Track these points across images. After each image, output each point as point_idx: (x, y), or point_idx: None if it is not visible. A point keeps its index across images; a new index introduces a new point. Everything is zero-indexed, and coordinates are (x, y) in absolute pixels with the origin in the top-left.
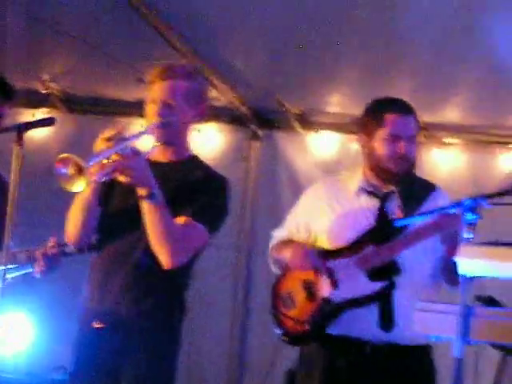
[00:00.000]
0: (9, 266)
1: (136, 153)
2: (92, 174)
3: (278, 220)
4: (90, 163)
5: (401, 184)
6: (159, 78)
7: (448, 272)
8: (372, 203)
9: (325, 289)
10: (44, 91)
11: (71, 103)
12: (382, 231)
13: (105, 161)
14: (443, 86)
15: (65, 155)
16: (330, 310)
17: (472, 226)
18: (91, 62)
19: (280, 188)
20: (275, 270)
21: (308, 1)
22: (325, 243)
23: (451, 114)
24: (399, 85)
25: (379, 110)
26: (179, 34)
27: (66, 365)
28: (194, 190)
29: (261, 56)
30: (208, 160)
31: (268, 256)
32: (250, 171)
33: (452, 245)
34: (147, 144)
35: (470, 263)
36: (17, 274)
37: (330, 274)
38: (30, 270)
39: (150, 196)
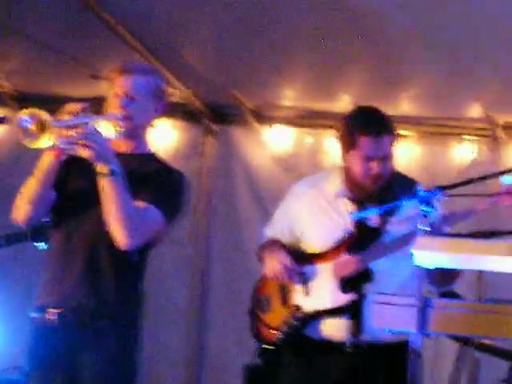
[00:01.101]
0: None
1: (98, 131)
2: (55, 136)
3: (233, 215)
4: (55, 124)
5: (375, 198)
6: (121, 73)
7: (439, 275)
8: (350, 208)
9: (297, 295)
10: None
11: (23, 101)
12: (359, 239)
13: (70, 132)
14: (397, 79)
15: (31, 109)
16: (300, 318)
17: (427, 217)
18: (43, 59)
19: (236, 183)
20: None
21: None
22: (306, 245)
23: (405, 106)
24: (353, 78)
25: (354, 131)
26: (132, 30)
27: (21, 365)
28: (151, 180)
29: (214, 51)
30: (162, 156)
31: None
32: (204, 167)
33: None
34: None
35: (426, 255)
36: None
37: (303, 281)
38: None
39: (111, 173)
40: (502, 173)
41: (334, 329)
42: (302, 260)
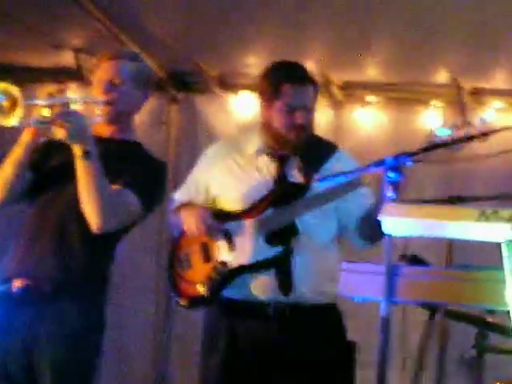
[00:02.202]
0: None
1: (76, 112)
2: (29, 113)
3: None
4: (28, 102)
5: (298, 151)
6: (106, 58)
7: (367, 229)
8: (271, 165)
9: (221, 252)
10: None
11: None
12: (283, 194)
13: (45, 111)
14: (363, 44)
15: (3, 84)
16: (225, 274)
17: (395, 184)
18: (4, 29)
19: (201, 151)
20: (176, 233)
21: None
22: (224, 204)
23: (371, 71)
24: (317, 44)
25: (276, 79)
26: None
27: None
28: (130, 164)
29: (177, 19)
30: None
31: (170, 216)
32: (170, 136)
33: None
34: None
35: (394, 222)
36: None
37: (227, 237)
38: None
39: (86, 154)
40: (470, 138)
41: (260, 287)
42: (222, 217)
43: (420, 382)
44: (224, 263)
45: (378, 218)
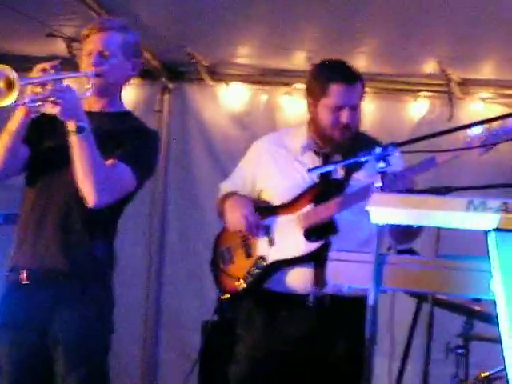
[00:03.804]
0: None
1: (69, 88)
2: (23, 94)
3: (189, 172)
4: (23, 81)
5: (342, 149)
6: (95, 31)
7: (399, 232)
8: (315, 162)
9: (261, 246)
10: None
11: None
12: (323, 190)
13: (38, 89)
14: (352, 35)
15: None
16: (265, 268)
17: (383, 174)
18: (3, 19)
19: (192, 140)
20: (223, 223)
21: None
22: (268, 197)
23: (361, 62)
24: (307, 35)
25: (325, 78)
26: None
27: None
28: (123, 137)
29: (169, 10)
30: None
31: (216, 206)
32: (162, 123)
33: None
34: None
35: (382, 211)
36: None
37: (268, 232)
38: None
39: (79, 130)
40: (457, 128)
41: (298, 280)
42: (264, 212)
43: (407, 369)
44: (264, 258)
45: (366, 208)
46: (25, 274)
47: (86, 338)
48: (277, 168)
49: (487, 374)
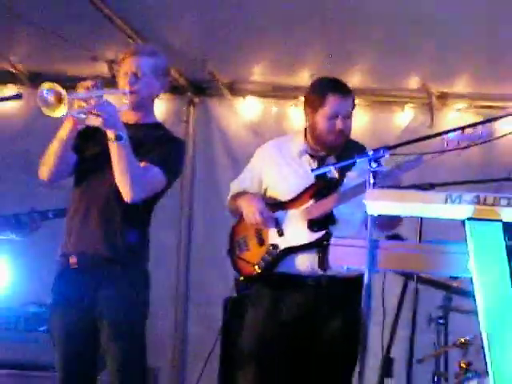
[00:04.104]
0: None
1: (109, 102)
2: (70, 107)
3: (213, 173)
4: (70, 96)
5: (335, 152)
6: (130, 55)
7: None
8: (313, 164)
9: (272, 236)
10: (12, 70)
11: (35, 80)
12: (321, 188)
13: (83, 103)
14: (348, 56)
15: (49, 83)
16: (276, 254)
17: (376, 173)
18: (50, 44)
19: (214, 146)
20: (234, 217)
21: None
22: (274, 194)
23: (356, 78)
24: (311, 56)
25: (323, 90)
26: (124, 18)
27: (41, 301)
28: (155, 145)
29: (195, 34)
30: None
31: (226, 205)
32: (188, 132)
33: None
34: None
35: (376, 204)
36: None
37: (277, 224)
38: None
39: (118, 138)
40: (437, 134)
41: (305, 264)
42: (273, 207)
43: (396, 337)
44: (275, 246)
45: (363, 201)
46: (73, 259)
47: (126, 313)
48: (279, 169)
49: (463, 340)
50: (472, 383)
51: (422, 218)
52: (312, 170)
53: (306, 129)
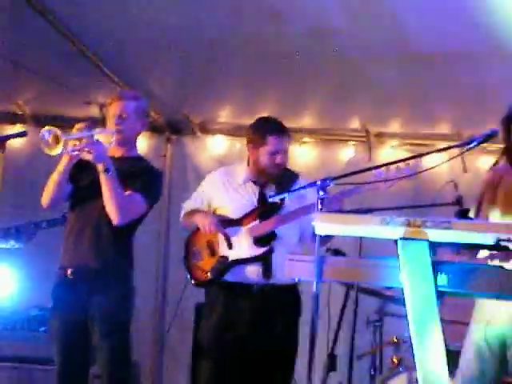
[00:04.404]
0: None
1: (99, 142)
2: (66, 146)
3: (185, 196)
4: (66, 137)
5: (274, 179)
6: (116, 99)
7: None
8: (255, 189)
9: (222, 248)
10: (19, 112)
11: (38, 120)
12: (265, 211)
13: (77, 142)
14: (300, 101)
15: (48, 127)
16: (225, 264)
17: (323, 199)
18: (51, 91)
19: (187, 176)
20: (188, 231)
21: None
22: (223, 214)
23: (306, 120)
24: (269, 99)
25: (263, 132)
26: (114, 70)
27: (42, 305)
28: (137, 175)
29: (173, 83)
30: None
31: (181, 221)
32: (166, 166)
33: None
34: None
35: (323, 226)
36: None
37: (227, 238)
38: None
39: (106, 170)
40: (373, 168)
41: (251, 273)
42: (223, 222)
43: (339, 337)
44: (225, 257)
45: (312, 223)
46: (70, 271)
47: (114, 315)
48: (227, 193)
49: (395, 339)
50: (402, 376)
51: (361, 238)
52: (270, 197)
53: (248, 159)
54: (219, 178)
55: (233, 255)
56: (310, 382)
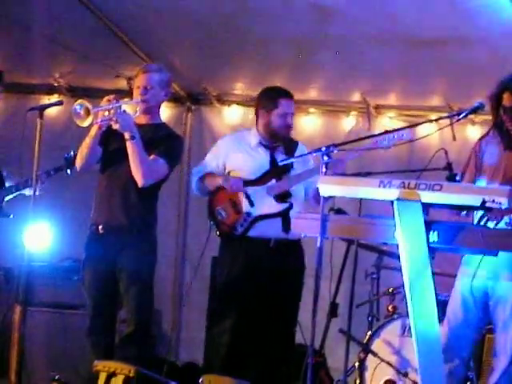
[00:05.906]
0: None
1: (125, 111)
2: (96, 117)
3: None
4: (95, 109)
5: (284, 143)
6: (141, 72)
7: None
8: (266, 153)
9: (245, 206)
10: (55, 84)
11: (73, 91)
12: (276, 171)
13: (106, 113)
14: (307, 74)
15: (80, 101)
16: (250, 220)
17: (327, 164)
18: (86, 65)
19: (205, 144)
20: (201, 193)
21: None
22: (237, 175)
23: (313, 93)
24: (280, 74)
25: (274, 96)
26: (140, 45)
27: (75, 257)
28: (160, 140)
29: (192, 58)
30: None
31: (194, 185)
32: (186, 132)
33: None
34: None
35: (327, 188)
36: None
37: (248, 196)
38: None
39: (132, 137)
40: (372, 136)
41: (270, 228)
42: (244, 183)
43: (340, 288)
44: (249, 213)
45: (317, 185)
46: (100, 227)
47: (139, 266)
48: (241, 156)
49: (391, 289)
50: (397, 322)
51: (361, 198)
52: (281, 161)
53: (256, 125)
54: (233, 141)
55: (255, 211)
56: (314, 327)
